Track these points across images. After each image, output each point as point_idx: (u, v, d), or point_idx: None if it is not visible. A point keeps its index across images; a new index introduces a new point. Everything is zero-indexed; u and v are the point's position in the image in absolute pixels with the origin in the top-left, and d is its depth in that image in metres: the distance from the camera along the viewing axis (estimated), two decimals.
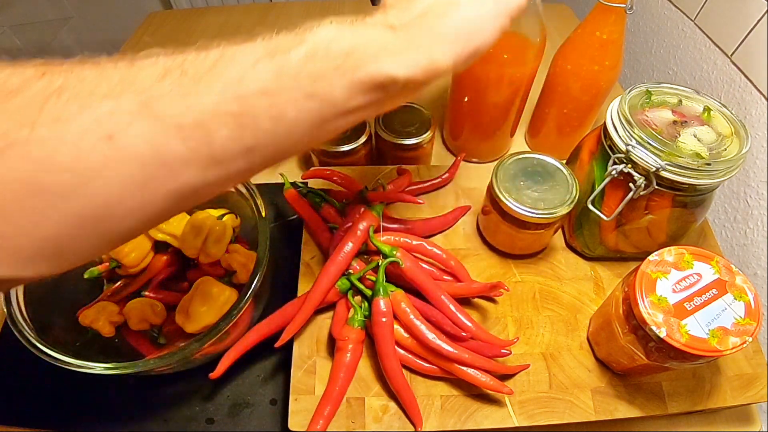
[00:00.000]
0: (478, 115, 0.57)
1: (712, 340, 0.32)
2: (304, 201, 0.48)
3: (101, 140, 0.17)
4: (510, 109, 0.56)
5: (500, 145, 0.63)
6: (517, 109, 0.57)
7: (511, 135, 0.62)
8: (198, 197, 0.21)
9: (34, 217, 0.17)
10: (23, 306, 0.38)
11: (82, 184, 0.17)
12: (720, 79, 0.58)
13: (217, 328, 0.37)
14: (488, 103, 0.54)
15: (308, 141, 0.22)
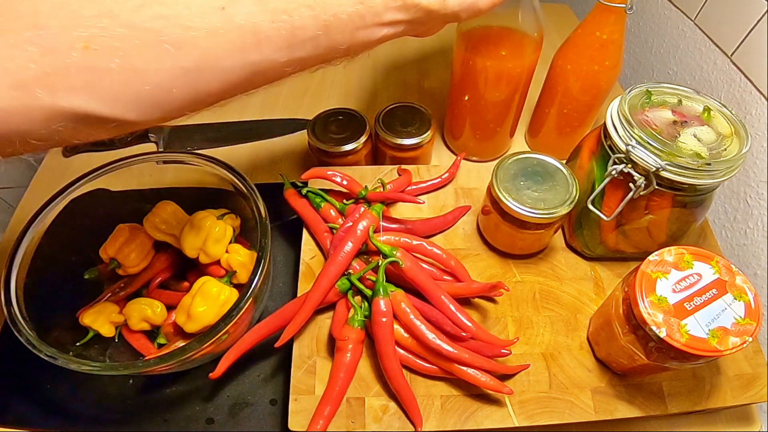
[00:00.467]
0: (479, 113, 0.57)
1: (712, 340, 0.32)
2: (304, 201, 0.48)
3: (216, 9, 0.22)
4: (510, 106, 0.56)
5: (500, 143, 0.63)
6: (516, 105, 0.57)
7: (510, 134, 0.62)
8: (267, 76, 0.26)
9: (152, 65, 0.21)
10: (23, 306, 0.38)
11: (195, 39, 0.22)
12: (720, 79, 0.58)
13: (217, 328, 0.37)
14: (488, 101, 0.54)
15: (348, 45, 0.27)
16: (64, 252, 0.45)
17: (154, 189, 0.48)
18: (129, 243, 0.45)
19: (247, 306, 0.38)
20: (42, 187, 0.63)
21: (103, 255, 0.45)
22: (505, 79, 0.52)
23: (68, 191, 0.44)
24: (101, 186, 0.46)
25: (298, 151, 0.67)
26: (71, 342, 0.41)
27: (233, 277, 0.44)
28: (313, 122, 0.57)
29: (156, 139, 0.67)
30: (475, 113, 0.57)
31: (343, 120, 0.57)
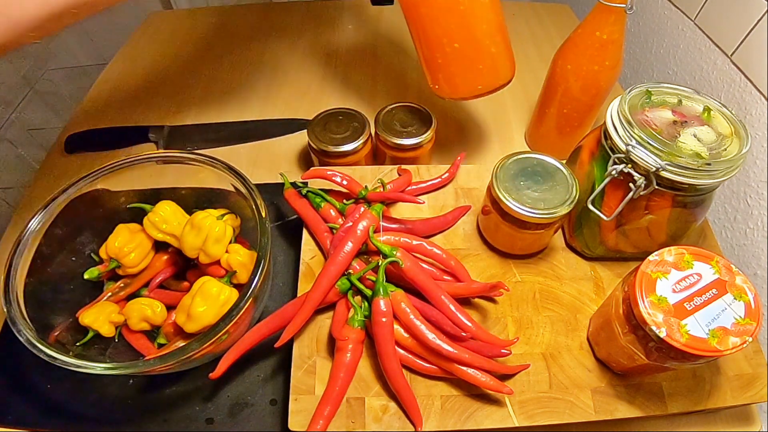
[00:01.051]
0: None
1: (712, 340, 0.32)
2: (304, 201, 0.48)
3: None
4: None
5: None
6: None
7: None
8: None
9: None
10: (23, 306, 0.38)
11: None
12: (720, 79, 0.58)
13: (217, 328, 0.37)
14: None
15: None
16: (64, 252, 0.45)
17: (154, 189, 0.48)
18: (129, 243, 0.45)
19: (247, 306, 0.38)
20: (42, 187, 0.63)
21: (103, 255, 0.45)
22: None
23: (68, 191, 0.44)
24: (101, 186, 0.46)
25: (298, 151, 0.67)
26: (71, 342, 0.41)
27: (233, 277, 0.44)
28: (313, 122, 0.57)
29: (156, 139, 0.67)
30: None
31: (343, 120, 0.57)
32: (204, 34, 0.89)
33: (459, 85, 0.50)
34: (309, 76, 0.79)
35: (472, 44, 0.47)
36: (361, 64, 0.82)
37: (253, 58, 0.83)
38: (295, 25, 0.90)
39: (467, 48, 0.47)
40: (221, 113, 0.72)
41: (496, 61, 0.48)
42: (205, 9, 0.98)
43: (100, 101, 0.75)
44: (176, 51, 0.84)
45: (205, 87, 0.77)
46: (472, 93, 0.50)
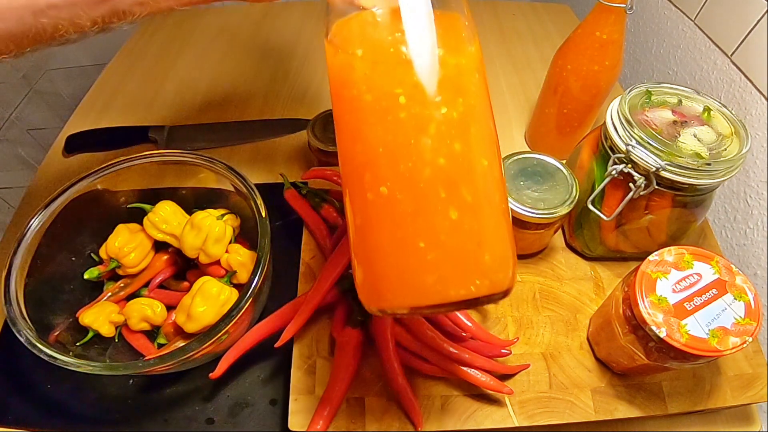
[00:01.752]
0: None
1: (712, 340, 0.32)
2: (304, 201, 0.48)
3: None
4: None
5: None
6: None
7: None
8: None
9: None
10: (23, 306, 0.38)
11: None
12: (720, 79, 0.58)
13: (217, 328, 0.37)
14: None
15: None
16: (64, 252, 0.45)
17: (154, 189, 0.48)
18: (129, 243, 0.45)
19: (247, 306, 0.38)
20: (42, 187, 0.63)
21: (103, 255, 0.45)
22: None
23: (68, 191, 0.44)
24: (101, 186, 0.46)
25: (298, 151, 0.67)
26: (71, 342, 0.41)
27: (233, 277, 0.44)
28: (313, 122, 0.57)
29: (156, 139, 0.67)
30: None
31: None
32: (204, 34, 0.89)
33: (388, 286, 0.26)
34: (309, 76, 0.79)
35: (428, 201, 0.24)
36: None
37: (253, 58, 0.83)
38: (295, 25, 0.90)
39: (407, 205, 0.24)
40: (221, 113, 0.72)
41: (474, 246, 0.25)
42: (205, 9, 0.98)
43: (100, 101, 0.75)
44: (176, 51, 0.84)
45: (205, 87, 0.77)
46: (411, 302, 0.25)
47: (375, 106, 0.25)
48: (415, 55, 0.24)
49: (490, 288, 0.25)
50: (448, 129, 0.24)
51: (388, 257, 0.25)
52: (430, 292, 0.24)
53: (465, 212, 0.24)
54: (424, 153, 0.24)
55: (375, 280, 0.26)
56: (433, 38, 0.25)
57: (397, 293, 0.25)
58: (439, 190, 0.24)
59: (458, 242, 0.24)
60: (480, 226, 0.25)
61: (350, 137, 0.26)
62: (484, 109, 0.26)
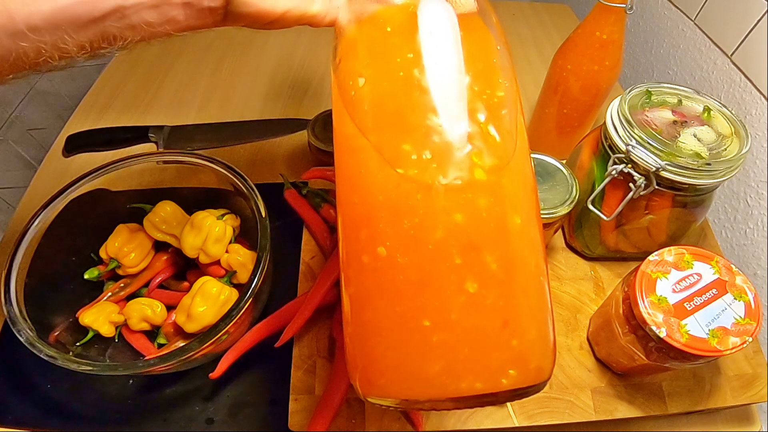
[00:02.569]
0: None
1: (712, 340, 0.32)
2: (304, 201, 0.48)
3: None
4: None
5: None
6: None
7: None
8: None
9: None
10: (23, 306, 0.38)
11: None
12: (720, 79, 0.58)
13: (217, 328, 0.37)
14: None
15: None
16: (64, 252, 0.45)
17: (154, 189, 0.48)
18: (129, 243, 0.45)
19: (247, 306, 0.38)
20: (42, 187, 0.63)
21: (103, 255, 0.45)
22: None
23: (68, 191, 0.44)
24: (101, 186, 0.46)
25: (298, 151, 0.67)
26: (71, 342, 0.41)
27: (233, 277, 0.44)
28: (313, 122, 0.57)
29: (156, 139, 0.67)
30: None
31: None
32: (204, 34, 0.89)
33: (382, 371, 0.21)
34: (309, 76, 0.79)
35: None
36: None
37: (253, 58, 0.83)
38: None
39: (410, 273, 0.20)
40: (221, 113, 0.72)
41: (497, 328, 0.19)
42: None
43: (100, 101, 0.75)
44: (176, 51, 0.84)
45: (205, 87, 0.77)
46: (410, 394, 0.20)
47: (376, 154, 0.19)
48: (431, 84, 0.19)
49: (518, 381, 0.19)
50: (470, 172, 0.19)
51: (384, 336, 0.20)
52: (433, 384, 0.19)
53: (487, 284, 0.19)
54: (435, 207, 0.19)
55: (367, 362, 0.20)
56: (456, 61, 0.20)
57: (393, 382, 0.20)
58: (453, 255, 0.18)
59: (476, 322, 0.19)
60: (507, 302, 0.19)
61: (348, 184, 0.21)
62: (521, 151, 0.20)
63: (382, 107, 0.20)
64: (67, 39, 0.23)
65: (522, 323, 0.19)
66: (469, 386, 0.19)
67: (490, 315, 0.19)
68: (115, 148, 0.67)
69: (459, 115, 0.19)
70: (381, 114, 0.20)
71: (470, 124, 0.19)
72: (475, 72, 0.20)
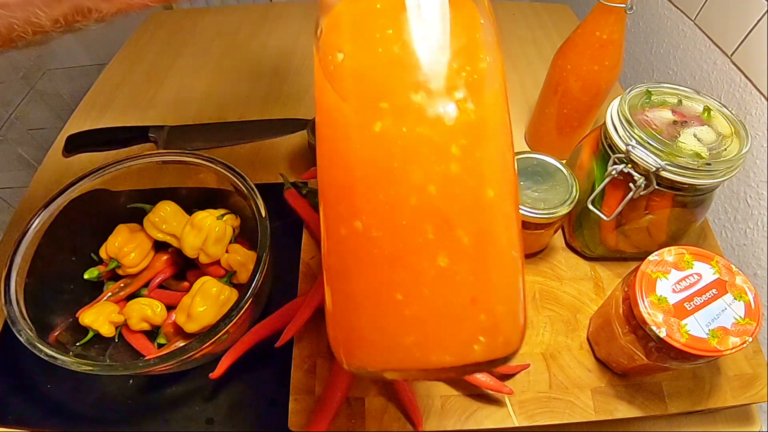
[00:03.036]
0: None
1: (712, 340, 0.32)
2: (304, 201, 0.48)
3: None
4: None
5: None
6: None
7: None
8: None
9: None
10: (23, 306, 0.38)
11: None
12: (720, 79, 0.58)
13: (217, 328, 0.37)
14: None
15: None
16: (64, 252, 0.45)
17: (154, 189, 0.48)
18: (129, 243, 0.45)
19: (247, 306, 0.38)
20: (42, 187, 0.63)
21: (103, 255, 0.45)
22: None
23: (68, 191, 0.44)
24: (101, 186, 0.46)
25: (298, 151, 0.67)
26: (71, 342, 0.41)
27: (233, 277, 0.44)
28: (313, 122, 0.57)
29: (156, 139, 0.67)
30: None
31: None
32: (204, 34, 0.89)
33: (360, 343, 0.21)
34: (309, 76, 0.79)
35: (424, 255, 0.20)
36: None
37: (253, 58, 0.83)
38: (295, 25, 0.90)
39: (384, 247, 0.20)
40: (221, 113, 0.72)
41: (468, 302, 0.20)
42: (205, 9, 0.98)
43: (100, 101, 0.75)
44: (176, 51, 0.84)
45: (205, 87, 0.77)
46: (386, 364, 0.20)
47: (355, 118, 0.20)
48: (411, 59, 0.19)
49: (485, 354, 0.19)
50: (443, 147, 0.19)
51: (362, 309, 0.20)
52: (408, 356, 0.19)
53: (458, 258, 0.19)
54: (410, 177, 0.19)
55: (347, 334, 0.21)
56: (439, 38, 0.20)
57: (372, 352, 0.20)
58: (425, 228, 0.19)
59: (446, 297, 0.19)
60: (476, 277, 0.19)
61: (328, 157, 0.21)
62: (499, 126, 0.21)
63: (362, 77, 0.20)
64: (39, 13, 0.22)
65: (491, 298, 0.20)
66: (439, 359, 0.19)
67: (459, 290, 0.19)
68: (115, 148, 0.67)
69: (437, 91, 0.19)
70: (361, 83, 0.20)
71: (447, 99, 0.19)
72: (457, 47, 0.20)
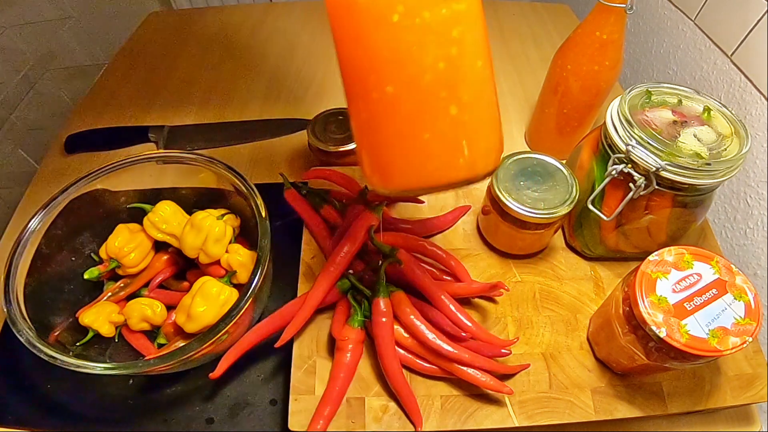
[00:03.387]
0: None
1: (712, 340, 0.32)
2: (304, 201, 0.48)
3: None
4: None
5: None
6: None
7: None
8: None
9: None
10: (23, 306, 0.38)
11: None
12: (720, 79, 0.58)
13: (217, 328, 0.37)
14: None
15: None
16: (64, 252, 0.45)
17: (154, 189, 0.48)
18: (129, 243, 0.45)
19: (247, 306, 0.38)
20: (42, 187, 0.63)
21: (103, 255, 0.45)
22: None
23: (68, 191, 0.44)
24: (101, 186, 0.46)
25: (298, 151, 0.67)
26: (71, 342, 0.41)
27: (233, 277, 0.44)
28: (313, 122, 0.57)
29: (156, 139, 0.67)
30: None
31: (343, 120, 0.57)
32: (204, 34, 0.89)
33: (395, 171, 0.29)
34: (309, 76, 0.79)
35: (421, 96, 0.27)
36: None
37: (253, 58, 0.83)
38: (295, 25, 0.90)
39: (411, 104, 0.27)
40: (221, 113, 0.72)
41: (471, 137, 0.28)
42: (205, 9, 0.98)
43: (100, 101, 0.75)
44: (176, 51, 0.84)
45: (205, 87, 0.77)
46: (417, 184, 0.29)
47: (373, 12, 0.26)
48: None
49: (484, 167, 0.29)
50: (445, 34, 0.26)
51: (395, 147, 0.28)
52: (431, 176, 0.28)
53: (463, 108, 0.27)
54: (425, 59, 0.26)
55: (383, 168, 0.29)
56: None
57: (404, 178, 0.28)
58: (440, 91, 0.27)
59: (456, 134, 0.27)
60: (475, 119, 0.28)
61: (350, 42, 0.28)
62: (477, 12, 0.28)
63: None
64: None
65: (486, 131, 0.29)
66: (455, 175, 0.28)
67: (465, 129, 0.28)
68: (115, 148, 0.67)
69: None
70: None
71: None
72: None
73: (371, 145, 0.29)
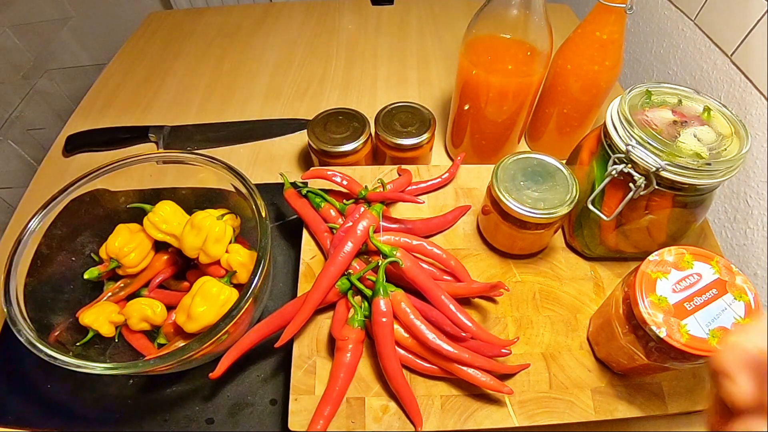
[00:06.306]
0: (480, 125, 0.56)
1: (712, 340, 0.32)
2: (304, 201, 0.48)
3: None
4: (515, 120, 0.55)
5: (504, 153, 0.61)
6: (522, 121, 0.56)
7: (517, 141, 0.62)
8: None
9: None
10: (23, 306, 0.38)
11: None
12: (720, 79, 0.58)
13: (217, 328, 0.37)
14: (490, 114, 0.54)
15: None
16: (64, 252, 0.45)
17: (154, 189, 0.48)
18: (129, 243, 0.45)
19: (247, 306, 0.38)
20: (42, 187, 0.63)
21: (103, 255, 0.45)
22: (511, 95, 0.51)
23: (68, 191, 0.44)
24: (101, 186, 0.46)
25: (298, 151, 0.67)
26: (71, 342, 0.41)
27: (233, 277, 0.44)
28: (313, 122, 0.57)
29: (156, 139, 0.67)
30: (477, 125, 0.57)
31: (343, 120, 0.57)
32: (204, 34, 0.89)
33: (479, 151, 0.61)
34: (309, 76, 0.79)
35: None
36: (361, 64, 0.82)
37: (253, 58, 0.83)
38: (295, 25, 0.90)
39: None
40: (221, 113, 0.72)
41: None
42: (205, 9, 0.98)
43: (100, 101, 0.75)
44: (176, 51, 0.84)
45: (205, 87, 0.77)
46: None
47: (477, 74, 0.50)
48: None
49: None
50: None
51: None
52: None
53: (510, 114, 0.54)
54: (489, 93, 0.51)
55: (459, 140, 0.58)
56: None
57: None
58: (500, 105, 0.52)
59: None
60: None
61: (464, 87, 0.53)
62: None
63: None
64: None
65: (510, 141, 0.60)
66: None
67: (505, 136, 0.57)
68: (115, 148, 0.67)
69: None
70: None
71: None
72: None
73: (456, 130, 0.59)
